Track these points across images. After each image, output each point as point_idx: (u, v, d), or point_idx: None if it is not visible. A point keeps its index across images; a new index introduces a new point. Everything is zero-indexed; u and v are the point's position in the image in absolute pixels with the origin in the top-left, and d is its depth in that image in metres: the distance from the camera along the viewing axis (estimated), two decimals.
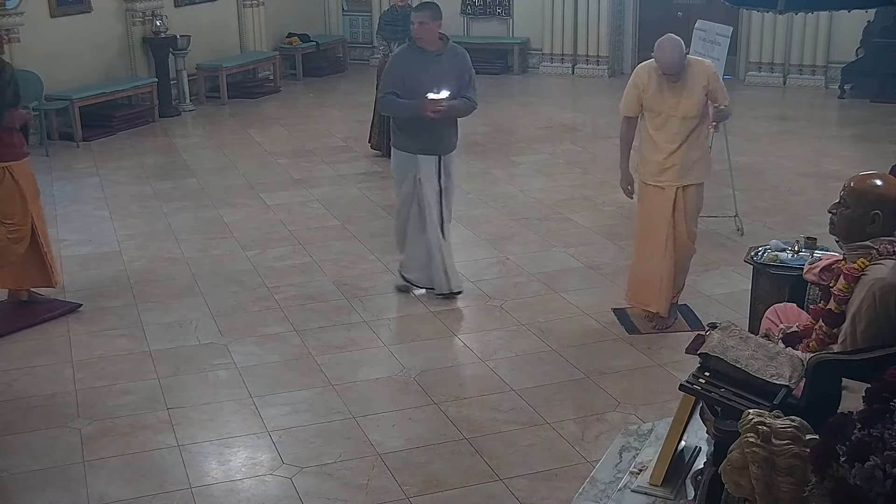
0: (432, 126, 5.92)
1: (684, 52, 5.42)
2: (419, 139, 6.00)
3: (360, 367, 5.34)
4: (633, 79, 5.60)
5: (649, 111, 5.55)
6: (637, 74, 5.57)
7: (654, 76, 5.46)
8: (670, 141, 5.49)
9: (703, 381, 3.40)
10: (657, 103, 5.48)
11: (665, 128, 5.50)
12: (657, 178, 5.56)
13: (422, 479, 4.25)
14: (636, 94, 5.55)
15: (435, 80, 5.88)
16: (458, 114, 6.05)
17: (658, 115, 5.51)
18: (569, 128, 11.50)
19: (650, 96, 5.49)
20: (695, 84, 5.41)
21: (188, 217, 8.06)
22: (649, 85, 5.48)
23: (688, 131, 5.47)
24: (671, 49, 5.35)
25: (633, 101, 5.59)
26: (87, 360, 5.46)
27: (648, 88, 5.48)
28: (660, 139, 5.52)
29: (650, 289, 5.67)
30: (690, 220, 5.65)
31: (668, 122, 5.48)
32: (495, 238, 7.41)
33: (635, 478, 4.04)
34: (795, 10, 4.42)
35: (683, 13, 13.72)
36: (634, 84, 5.56)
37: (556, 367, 5.29)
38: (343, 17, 15.98)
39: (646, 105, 5.54)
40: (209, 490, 4.21)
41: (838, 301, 3.50)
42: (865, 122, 11.29)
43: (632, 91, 5.58)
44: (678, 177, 5.51)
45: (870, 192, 3.47)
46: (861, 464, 2.45)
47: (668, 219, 5.55)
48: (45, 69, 10.47)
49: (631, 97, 5.60)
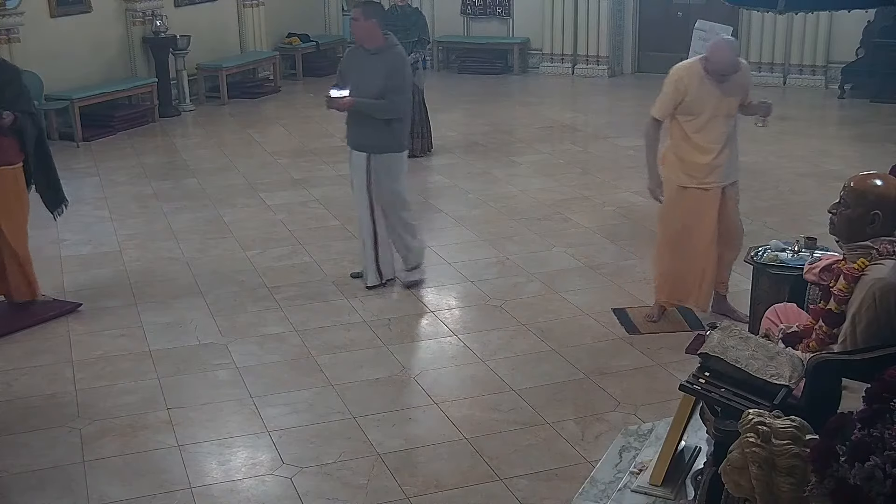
0: (355, 122, 6.22)
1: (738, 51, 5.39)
2: (348, 133, 6.36)
3: (360, 367, 5.34)
4: (673, 83, 5.43)
5: (688, 113, 5.43)
6: (678, 78, 5.42)
7: (696, 77, 5.36)
8: (716, 141, 5.44)
9: (703, 381, 3.40)
10: (699, 105, 5.39)
11: (708, 128, 5.43)
12: (703, 180, 5.49)
13: (422, 479, 4.25)
14: (677, 98, 5.40)
15: (362, 77, 6.10)
16: (372, 113, 6.13)
17: (698, 116, 5.41)
18: (569, 128, 11.50)
19: (693, 98, 5.38)
20: (736, 81, 5.39)
21: (188, 217, 8.07)
22: (692, 87, 5.37)
23: (731, 130, 5.46)
24: (730, 51, 5.30)
25: (672, 104, 5.44)
26: (87, 360, 5.46)
27: (691, 90, 5.37)
28: (703, 140, 5.45)
29: (689, 286, 5.65)
30: (736, 216, 5.70)
31: (712, 123, 5.42)
32: (495, 238, 7.41)
33: (635, 478, 4.04)
34: (795, 10, 4.43)
35: (683, 13, 13.72)
36: (676, 88, 5.40)
37: (556, 367, 5.29)
38: (343, 17, 15.94)
39: (686, 108, 5.42)
40: (209, 490, 4.21)
41: (838, 301, 3.50)
42: (865, 122, 11.29)
43: (674, 95, 5.41)
44: (724, 176, 5.51)
45: (870, 192, 3.47)
46: (861, 464, 2.45)
47: (714, 218, 5.54)
48: (45, 69, 10.47)
49: (670, 101, 5.44)
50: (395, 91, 6.11)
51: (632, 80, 14.34)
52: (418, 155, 9.81)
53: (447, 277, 6.65)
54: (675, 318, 5.88)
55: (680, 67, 5.51)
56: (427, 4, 14.75)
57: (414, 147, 9.74)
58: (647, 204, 8.17)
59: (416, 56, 9.59)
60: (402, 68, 6.20)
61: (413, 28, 9.58)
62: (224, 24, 13.58)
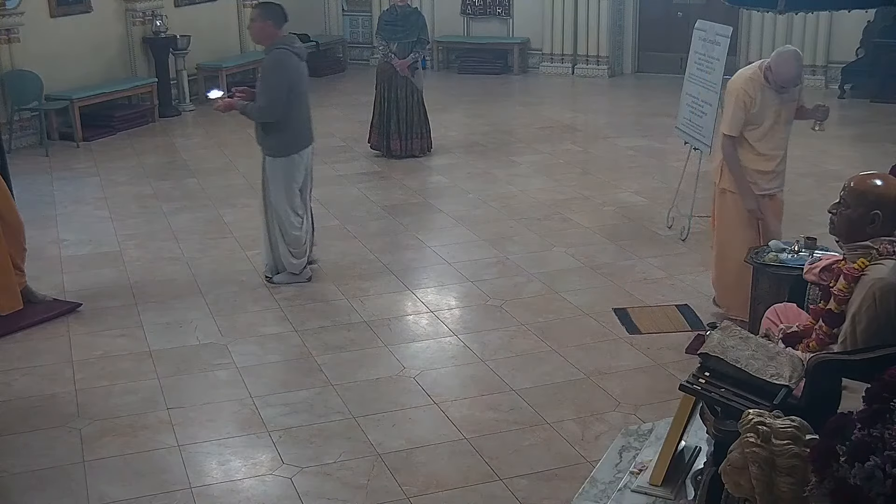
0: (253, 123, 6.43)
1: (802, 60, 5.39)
2: None
3: (360, 367, 5.34)
4: (740, 97, 5.38)
5: (751, 123, 5.43)
6: (743, 91, 5.38)
7: (758, 87, 5.35)
8: (778, 147, 5.47)
9: (703, 381, 3.40)
10: (762, 114, 5.39)
11: (769, 136, 5.45)
12: (766, 187, 5.51)
13: (422, 479, 4.25)
14: (745, 112, 5.39)
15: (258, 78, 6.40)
16: (247, 116, 6.34)
17: (760, 125, 5.42)
18: (569, 128, 11.49)
19: (757, 109, 5.38)
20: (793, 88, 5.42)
21: (188, 217, 8.06)
22: (756, 98, 5.36)
23: (789, 135, 5.49)
24: (796, 65, 5.30)
25: (742, 119, 5.41)
26: (87, 360, 5.46)
27: (756, 102, 5.37)
28: (765, 148, 5.46)
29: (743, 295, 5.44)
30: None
31: (773, 130, 5.43)
32: (495, 238, 7.41)
33: (635, 478, 4.04)
34: (795, 10, 4.43)
35: (683, 13, 13.72)
36: (744, 103, 5.38)
37: (556, 367, 5.29)
38: (343, 17, 15.99)
39: (750, 118, 5.41)
40: (209, 490, 4.21)
41: (838, 301, 3.50)
42: (865, 122, 11.29)
43: (743, 110, 5.39)
44: (783, 181, 5.55)
45: (870, 192, 3.48)
46: (861, 464, 2.45)
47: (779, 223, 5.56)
48: (45, 69, 10.47)
49: (740, 115, 5.41)
50: (261, 94, 6.19)
51: (632, 80, 14.34)
52: (418, 155, 9.83)
53: (447, 277, 6.65)
54: (676, 318, 5.88)
55: (741, 79, 5.44)
56: (427, 4, 14.75)
57: (414, 147, 9.81)
58: (647, 204, 8.19)
59: (416, 56, 9.62)
60: (270, 71, 6.18)
61: (412, 28, 9.58)
62: (224, 24, 13.58)
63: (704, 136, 7.28)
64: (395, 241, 7.50)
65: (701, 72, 7.41)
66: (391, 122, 9.71)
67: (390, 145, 9.76)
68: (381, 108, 9.77)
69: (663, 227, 7.57)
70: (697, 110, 7.41)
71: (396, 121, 9.70)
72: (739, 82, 5.44)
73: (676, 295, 6.25)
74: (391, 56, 9.58)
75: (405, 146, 9.77)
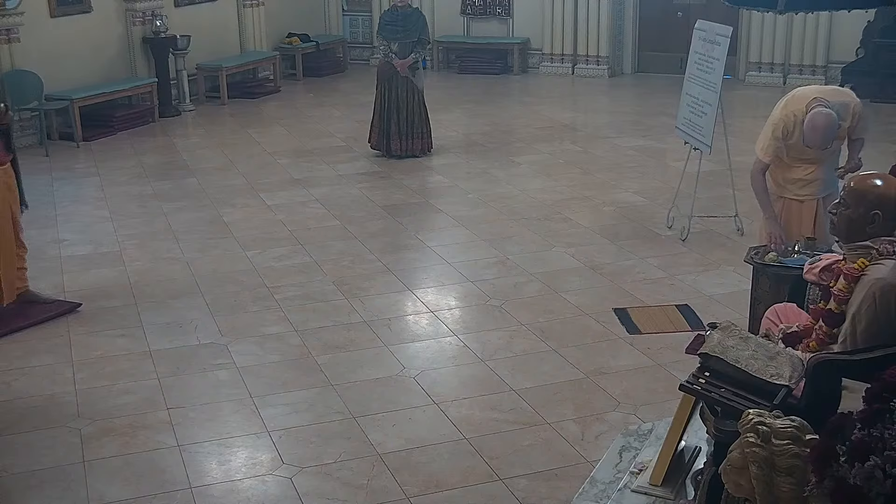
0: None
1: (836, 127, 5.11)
2: None
3: (360, 367, 5.34)
4: (778, 127, 5.18)
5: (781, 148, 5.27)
6: (783, 125, 5.16)
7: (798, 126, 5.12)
8: (811, 162, 5.29)
9: (703, 381, 3.40)
10: (798, 149, 5.22)
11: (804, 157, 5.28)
12: (797, 192, 5.38)
13: (422, 479, 4.25)
14: (781, 142, 5.21)
15: None
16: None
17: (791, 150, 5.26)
18: (569, 128, 11.50)
19: (794, 142, 5.19)
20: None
21: (188, 217, 8.07)
22: (794, 134, 5.16)
23: (824, 156, 5.28)
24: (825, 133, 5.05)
25: (776, 148, 5.23)
26: (87, 360, 5.46)
27: (794, 137, 5.17)
28: (796, 163, 5.30)
29: None
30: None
31: (806, 151, 5.24)
32: (495, 238, 7.41)
33: (635, 478, 4.04)
34: (795, 10, 4.42)
35: (683, 13, 13.72)
36: (781, 134, 5.17)
37: (556, 367, 5.29)
38: (343, 17, 15.98)
39: (786, 147, 5.25)
40: (209, 490, 4.21)
41: (838, 301, 3.50)
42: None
43: (777, 141, 5.21)
44: (819, 190, 5.35)
45: (870, 192, 3.47)
46: (861, 464, 2.44)
47: (809, 228, 5.39)
48: (45, 69, 10.48)
49: (774, 146, 5.23)
50: None
51: (632, 80, 14.34)
52: (418, 155, 9.83)
53: (447, 277, 6.65)
54: (676, 318, 5.89)
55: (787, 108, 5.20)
56: (427, 4, 14.74)
57: (414, 147, 9.82)
58: (647, 204, 8.19)
59: (417, 56, 9.63)
60: None
61: (413, 28, 9.59)
62: (224, 24, 13.58)
63: (704, 136, 7.28)
64: (395, 241, 7.50)
65: (701, 72, 7.42)
66: (391, 122, 9.71)
67: (391, 145, 9.77)
68: (381, 108, 9.77)
69: (663, 227, 7.57)
70: (697, 110, 7.41)
71: (397, 121, 9.71)
72: (782, 117, 5.21)
73: (676, 295, 6.25)
74: (392, 56, 9.58)
75: (405, 146, 9.77)
